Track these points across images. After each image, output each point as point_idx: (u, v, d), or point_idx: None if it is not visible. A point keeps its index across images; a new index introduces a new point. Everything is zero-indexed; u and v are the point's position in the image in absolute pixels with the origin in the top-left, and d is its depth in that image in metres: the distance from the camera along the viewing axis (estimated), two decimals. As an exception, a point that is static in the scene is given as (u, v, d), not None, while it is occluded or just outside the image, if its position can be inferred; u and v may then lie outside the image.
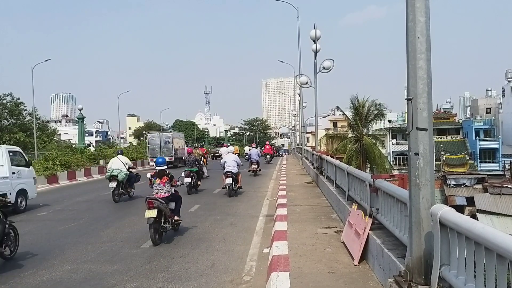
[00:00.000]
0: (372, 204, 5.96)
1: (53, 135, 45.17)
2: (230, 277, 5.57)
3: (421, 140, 3.60)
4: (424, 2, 3.59)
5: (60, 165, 22.20)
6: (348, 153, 28.26)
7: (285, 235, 7.13)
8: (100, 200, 13.77)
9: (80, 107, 32.66)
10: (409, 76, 3.66)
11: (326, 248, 6.37)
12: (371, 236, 5.33)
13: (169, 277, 5.58)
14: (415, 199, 3.64)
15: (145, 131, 64.75)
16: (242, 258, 6.49)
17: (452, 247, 3.12)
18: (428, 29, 3.61)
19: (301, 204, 10.74)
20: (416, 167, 3.62)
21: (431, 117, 3.67)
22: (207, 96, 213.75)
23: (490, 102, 74.68)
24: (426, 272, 3.52)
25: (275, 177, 20.23)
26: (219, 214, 10.43)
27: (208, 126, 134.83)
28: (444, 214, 3.14)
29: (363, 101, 30.22)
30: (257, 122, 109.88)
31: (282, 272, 5.08)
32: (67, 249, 7.27)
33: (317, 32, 16.82)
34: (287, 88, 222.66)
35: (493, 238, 2.48)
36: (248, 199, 12.95)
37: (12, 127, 38.88)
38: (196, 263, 6.24)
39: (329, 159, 12.56)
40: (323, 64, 16.28)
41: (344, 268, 5.38)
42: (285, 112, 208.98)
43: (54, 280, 5.61)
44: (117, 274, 5.75)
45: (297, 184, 15.91)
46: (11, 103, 39.70)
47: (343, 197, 8.66)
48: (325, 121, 67.74)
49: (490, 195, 29.27)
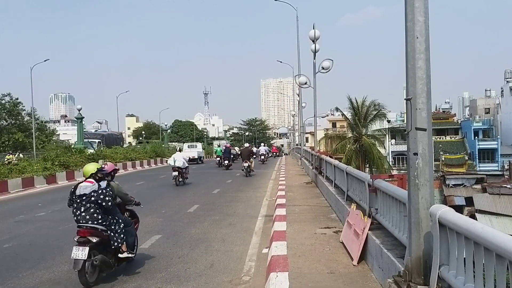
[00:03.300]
0: (371, 204, 5.96)
1: (52, 135, 45.06)
2: (229, 278, 5.57)
3: (420, 140, 3.60)
4: (423, 2, 3.59)
5: (59, 165, 22.18)
6: (347, 153, 28.29)
7: (284, 235, 7.13)
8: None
9: (79, 107, 32.60)
10: (408, 76, 3.65)
11: (325, 248, 6.37)
12: (370, 236, 5.32)
13: (168, 278, 5.58)
14: (414, 199, 3.64)
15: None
16: (241, 258, 6.49)
17: (451, 247, 3.12)
18: (427, 29, 3.61)
19: (300, 204, 10.73)
20: (415, 167, 3.62)
21: (430, 117, 3.67)
22: (206, 96, 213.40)
23: (489, 102, 74.79)
24: (425, 272, 3.52)
25: (274, 178, 20.23)
26: (218, 214, 10.43)
27: (207, 126, 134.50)
28: (443, 214, 3.14)
29: (362, 101, 30.26)
30: (256, 122, 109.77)
31: (281, 273, 5.08)
32: (66, 249, 7.22)
33: (316, 32, 16.81)
34: (286, 88, 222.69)
35: (493, 238, 2.48)
36: (247, 200, 12.95)
37: (11, 128, 38.80)
38: (195, 263, 6.23)
39: (328, 159, 12.56)
40: (322, 64, 16.26)
41: (343, 268, 5.37)
42: (284, 112, 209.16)
43: (53, 280, 5.59)
44: (116, 274, 5.73)
45: (296, 184, 15.90)
46: (9, 103, 39.60)
47: (342, 197, 8.66)
48: (324, 121, 67.75)
49: (489, 195, 29.28)
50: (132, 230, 6.05)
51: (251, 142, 38.84)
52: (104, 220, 5.49)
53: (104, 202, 5.43)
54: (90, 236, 5.32)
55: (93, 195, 5.43)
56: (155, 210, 10.76)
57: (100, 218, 5.46)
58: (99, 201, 5.42)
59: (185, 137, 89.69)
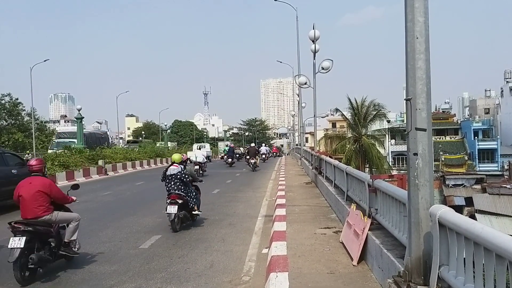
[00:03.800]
0: (371, 204, 5.96)
1: (51, 135, 45.07)
2: (229, 278, 5.57)
3: (420, 140, 3.60)
4: (423, 2, 3.60)
5: (58, 166, 22.15)
6: (347, 154, 28.33)
7: (284, 235, 7.13)
8: (99, 200, 13.76)
9: (79, 107, 32.56)
10: (408, 76, 3.66)
11: (325, 248, 6.37)
12: (370, 237, 5.32)
13: (168, 278, 5.58)
14: (414, 200, 3.64)
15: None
16: (241, 258, 6.49)
17: (451, 247, 3.12)
18: (427, 29, 3.61)
19: (300, 205, 10.74)
20: (415, 167, 3.62)
21: (430, 117, 3.67)
22: (206, 97, 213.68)
23: (488, 103, 74.83)
24: (425, 273, 3.52)
25: (274, 178, 20.24)
26: (218, 214, 10.43)
27: (207, 127, 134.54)
28: (443, 214, 3.14)
29: (361, 101, 30.28)
30: (256, 123, 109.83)
31: (281, 273, 5.08)
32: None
33: (316, 32, 16.82)
34: (286, 89, 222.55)
35: (492, 239, 2.48)
36: (247, 200, 12.95)
37: (11, 128, 38.83)
38: (195, 263, 6.23)
39: (328, 159, 12.56)
40: (322, 64, 16.26)
41: (343, 269, 5.37)
42: (284, 112, 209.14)
43: (52, 280, 5.59)
44: (116, 274, 5.74)
45: (296, 184, 15.91)
46: (9, 104, 39.65)
47: (342, 198, 8.66)
48: (324, 122, 67.78)
49: (488, 195, 29.29)
50: (198, 197, 9.27)
51: (250, 143, 39.65)
52: (184, 190, 8.56)
53: (184, 178, 8.58)
54: (177, 199, 8.32)
55: (178, 174, 8.53)
56: (155, 210, 10.76)
57: (182, 188, 8.53)
58: (181, 178, 8.53)
59: (184, 137, 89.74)
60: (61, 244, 5.93)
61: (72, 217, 6.17)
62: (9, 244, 5.29)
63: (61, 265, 6.28)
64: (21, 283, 5.38)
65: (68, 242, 6.01)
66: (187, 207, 8.54)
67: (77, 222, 6.17)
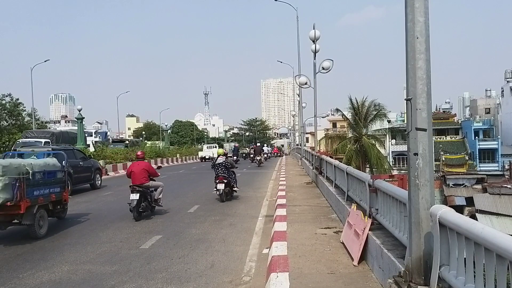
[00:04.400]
0: (371, 204, 5.96)
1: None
2: (229, 278, 5.57)
3: (420, 140, 3.60)
4: (424, 2, 3.59)
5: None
6: (348, 154, 28.28)
7: (284, 235, 7.13)
8: (99, 201, 13.76)
9: (80, 108, 32.50)
10: (408, 76, 3.66)
11: (326, 248, 6.37)
12: (371, 237, 5.32)
13: (168, 278, 5.58)
14: (415, 200, 3.64)
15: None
16: (241, 258, 6.48)
17: (451, 247, 3.12)
18: (427, 29, 3.61)
19: (301, 205, 10.74)
20: (416, 167, 3.62)
21: (430, 117, 3.67)
22: (206, 97, 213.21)
23: (489, 102, 74.71)
24: (425, 273, 3.52)
25: (275, 178, 20.23)
26: (218, 214, 10.42)
27: (207, 127, 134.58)
28: (444, 214, 3.14)
29: (362, 101, 30.26)
30: (257, 123, 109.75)
31: (282, 273, 5.08)
32: (66, 250, 7.26)
33: (316, 32, 16.80)
34: (286, 89, 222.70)
35: (493, 239, 2.48)
36: (247, 200, 12.95)
37: (11, 128, 38.78)
38: (196, 263, 6.23)
39: (329, 159, 12.56)
40: (323, 64, 16.25)
41: (343, 269, 5.37)
42: (284, 112, 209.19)
43: (53, 281, 5.60)
44: (116, 274, 5.74)
45: (297, 184, 15.91)
46: (10, 104, 39.60)
47: (342, 198, 8.66)
48: (325, 122, 67.73)
49: (489, 195, 29.27)
50: (236, 179, 13.12)
51: (252, 143, 40.67)
52: (228, 173, 12.49)
53: (227, 166, 12.49)
54: (223, 179, 12.24)
55: (223, 163, 12.47)
56: (155, 210, 10.75)
57: (226, 172, 12.42)
58: (225, 165, 12.45)
59: (185, 137, 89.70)
60: (152, 200, 10.25)
61: (159, 185, 10.65)
62: (130, 197, 9.64)
63: (62, 265, 6.30)
64: (136, 219, 9.49)
65: (157, 199, 10.40)
66: (229, 185, 12.44)
67: (161, 188, 10.63)
